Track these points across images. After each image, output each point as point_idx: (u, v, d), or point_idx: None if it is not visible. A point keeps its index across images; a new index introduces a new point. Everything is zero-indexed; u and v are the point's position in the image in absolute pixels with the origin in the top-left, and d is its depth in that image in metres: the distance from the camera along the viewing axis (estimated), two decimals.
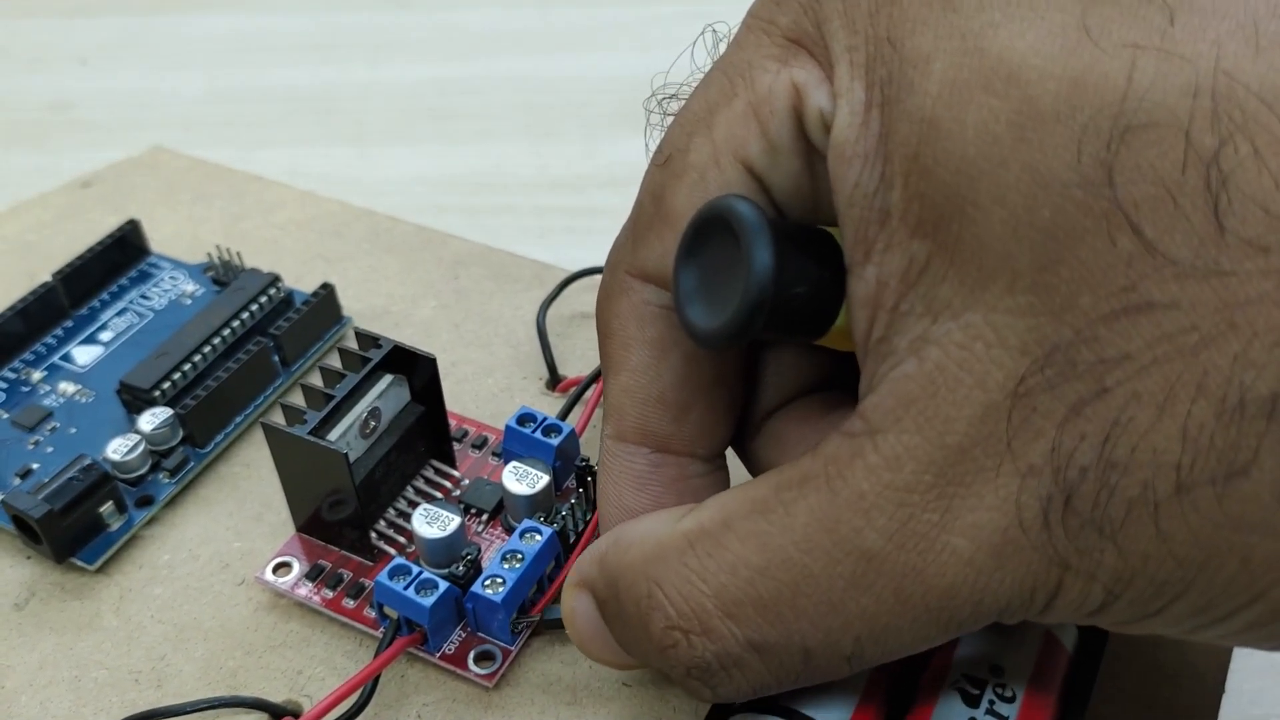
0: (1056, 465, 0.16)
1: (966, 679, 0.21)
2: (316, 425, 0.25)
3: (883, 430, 0.17)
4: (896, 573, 0.17)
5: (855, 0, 0.18)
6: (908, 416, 0.17)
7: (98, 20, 0.57)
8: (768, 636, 0.19)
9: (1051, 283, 0.16)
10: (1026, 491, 0.16)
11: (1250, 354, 0.14)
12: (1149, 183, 0.15)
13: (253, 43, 0.55)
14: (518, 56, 0.53)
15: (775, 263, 0.18)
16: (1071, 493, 0.16)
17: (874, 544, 0.17)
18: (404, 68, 0.52)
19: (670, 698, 0.24)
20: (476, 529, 0.27)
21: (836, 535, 0.18)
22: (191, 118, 0.49)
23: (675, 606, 0.19)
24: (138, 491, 0.28)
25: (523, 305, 0.33)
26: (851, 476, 0.17)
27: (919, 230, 0.17)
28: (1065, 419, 0.16)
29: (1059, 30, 0.16)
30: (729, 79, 0.20)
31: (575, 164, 0.46)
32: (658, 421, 0.22)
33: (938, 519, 0.17)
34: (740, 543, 0.19)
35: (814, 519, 0.18)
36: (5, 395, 0.31)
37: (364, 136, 0.48)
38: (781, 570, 0.18)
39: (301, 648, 0.25)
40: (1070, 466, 0.16)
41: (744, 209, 0.18)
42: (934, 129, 0.16)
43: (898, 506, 0.17)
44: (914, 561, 0.17)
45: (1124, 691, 0.23)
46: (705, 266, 0.19)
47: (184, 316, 0.32)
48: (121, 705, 0.24)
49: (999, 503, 0.16)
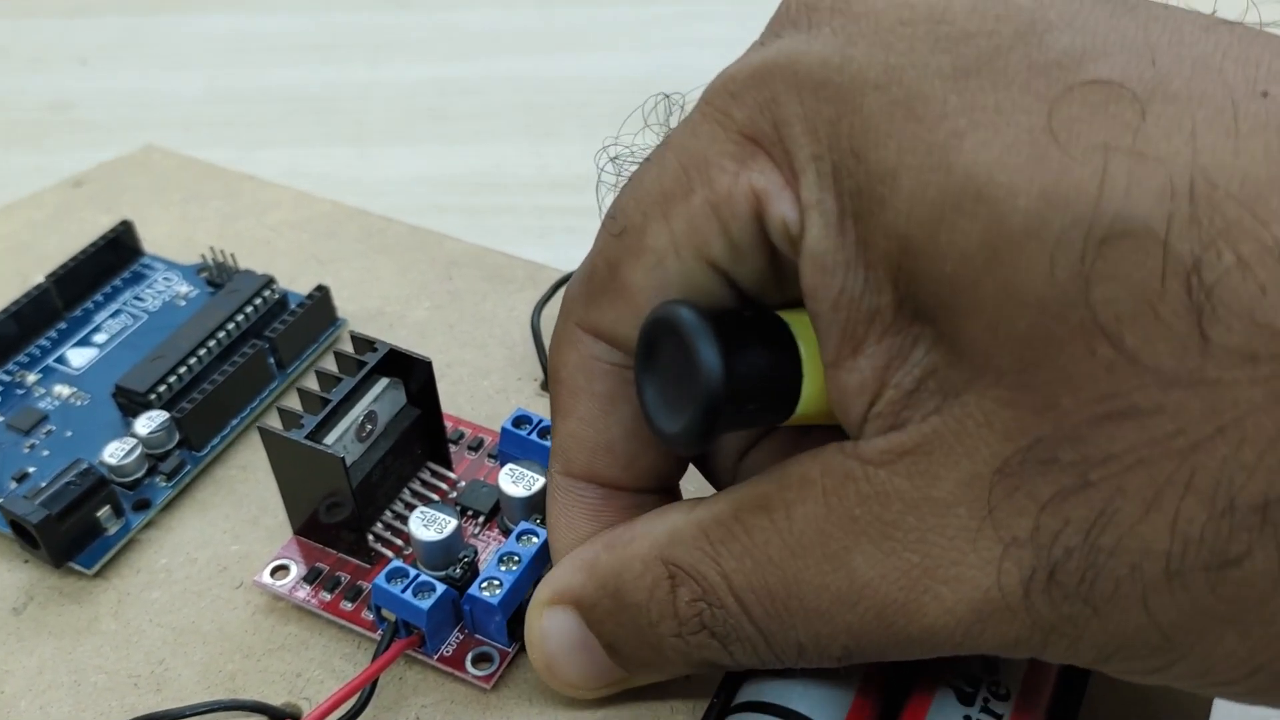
0: (1040, 543, 0.16)
1: (961, 677, 0.22)
2: (313, 429, 0.25)
3: (876, 465, 0.18)
4: (880, 601, 0.18)
5: (816, 107, 0.18)
6: (900, 463, 0.17)
7: (98, 20, 0.57)
8: (768, 625, 0.19)
9: (1032, 383, 0.16)
10: (1009, 559, 0.16)
11: (1241, 458, 0.14)
12: (1127, 294, 0.15)
13: (253, 43, 0.55)
14: (518, 56, 0.53)
15: (723, 362, 0.18)
16: (1055, 568, 0.16)
17: (860, 568, 0.18)
18: (404, 68, 0.52)
19: (669, 699, 0.24)
20: (473, 531, 0.27)
21: (828, 550, 0.18)
22: (191, 118, 0.49)
23: (699, 581, 0.20)
24: (135, 495, 0.28)
25: (517, 306, 0.33)
26: (845, 499, 0.18)
27: (919, 318, 0.17)
28: (1049, 503, 0.16)
29: (1025, 137, 0.15)
30: (684, 170, 0.19)
31: (575, 164, 0.46)
32: (606, 468, 0.22)
33: (919, 561, 0.17)
34: (748, 535, 0.19)
35: (810, 527, 0.18)
36: (0, 398, 0.31)
37: (364, 136, 0.48)
38: (780, 569, 0.19)
39: (300, 650, 0.25)
40: (1055, 545, 0.16)
41: (685, 315, 0.19)
42: (909, 245, 0.16)
43: (884, 539, 0.17)
44: (897, 595, 0.18)
45: (1117, 690, 0.23)
46: (663, 372, 0.20)
47: (178, 318, 0.32)
48: (121, 709, 0.24)
49: (980, 564, 0.17)
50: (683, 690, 0.24)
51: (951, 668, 0.22)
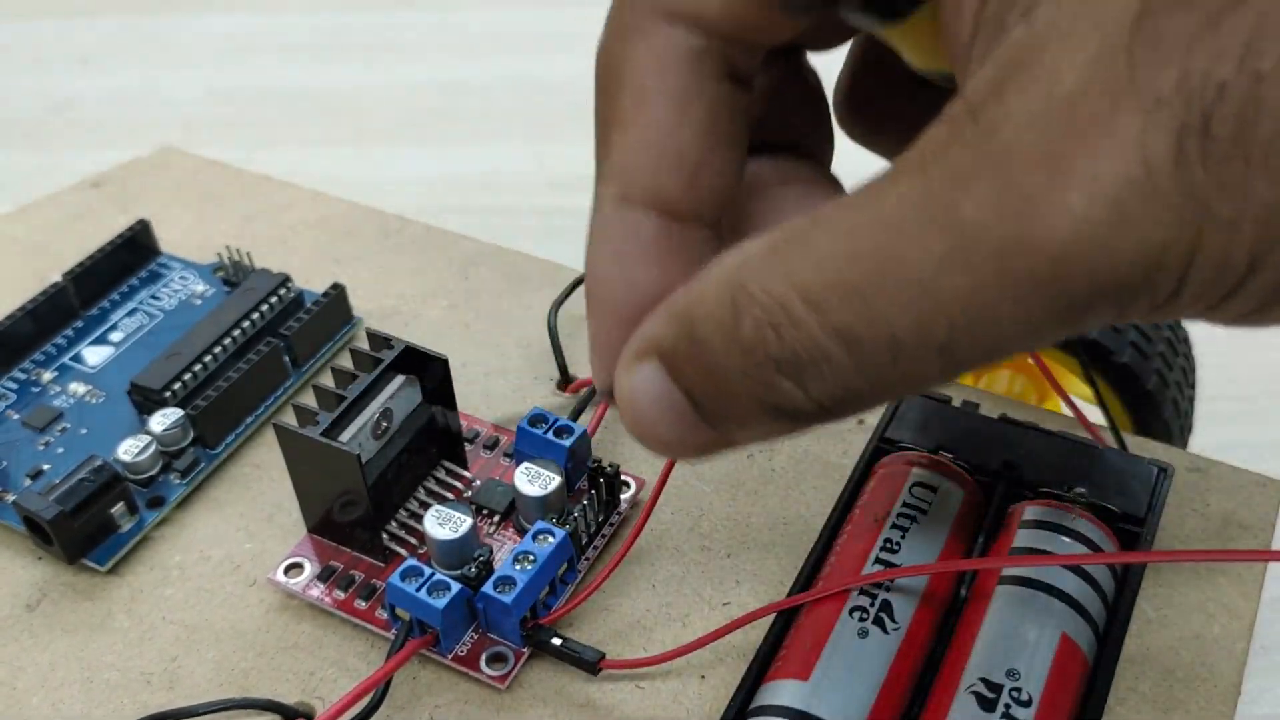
0: (1189, 89, 0.14)
1: (983, 682, 0.21)
2: (329, 426, 0.25)
3: (983, 104, 0.15)
4: (997, 244, 0.15)
5: None
6: (1012, 81, 0.15)
7: (98, 20, 0.57)
8: (853, 324, 0.17)
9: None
10: (1153, 127, 0.14)
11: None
12: None
13: (253, 43, 0.55)
14: (518, 56, 0.53)
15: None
16: (1209, 116, 0.14)
17: (971, 215, 0.15)
18: (404, 68, 0.52)
19: (683, 699, 0.24)
20: (488, 530, 0.27)
21: (929, 213, 0.16)
22: (192, 118, 0.49)
23: (762, 301, 0.17)
24: (149, 492, 0.28)
25: (533, 305, 0.33)
26: (948, 155, 0.16)
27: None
28: (1197, 36, 0.14)
29: None
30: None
31: (575, 164, 0.46)
32: (672, 181, 0.20)
33: (1045, 179, 0.15)
34: (827, 236, 0.17)
35: (905, 202, 0.16)
36: (16, 396, 0.31)
37: (364, 136, 0.48)
38: (868, 255, 0.16)
39: (314, 649, 0.25)
40: (1206, 86, 0.14)
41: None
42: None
43: (998, 171, 0.15)
44: (1017, 230, 0.15)
45: (1140, 694, 0.23)
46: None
47: (194, 317, 0.32)
48: (134, 706, 0.24)
49: (1119, 148, 0.14)
50: (698, 695, 0.24)
51: (972, 671, 0.22)
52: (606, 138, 0.20)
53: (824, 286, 0.17)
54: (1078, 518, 0.24)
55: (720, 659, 0.24)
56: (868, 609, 0.22)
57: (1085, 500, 0.25)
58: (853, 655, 0.22)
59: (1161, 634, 0.24)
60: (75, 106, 0.51)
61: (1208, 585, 0.25)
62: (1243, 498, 0.27)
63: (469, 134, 0.48)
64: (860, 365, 0.17)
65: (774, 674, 0.22)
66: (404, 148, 0.47)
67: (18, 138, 0.49)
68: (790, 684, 0.22)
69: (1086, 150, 0.14)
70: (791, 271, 0.17)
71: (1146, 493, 0.25)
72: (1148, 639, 0.24)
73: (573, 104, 0.49)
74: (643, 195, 0.20)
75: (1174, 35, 0.14)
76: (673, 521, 0.27)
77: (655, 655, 0.24)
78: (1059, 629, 0.22)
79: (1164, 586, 0.25)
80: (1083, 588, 0.23)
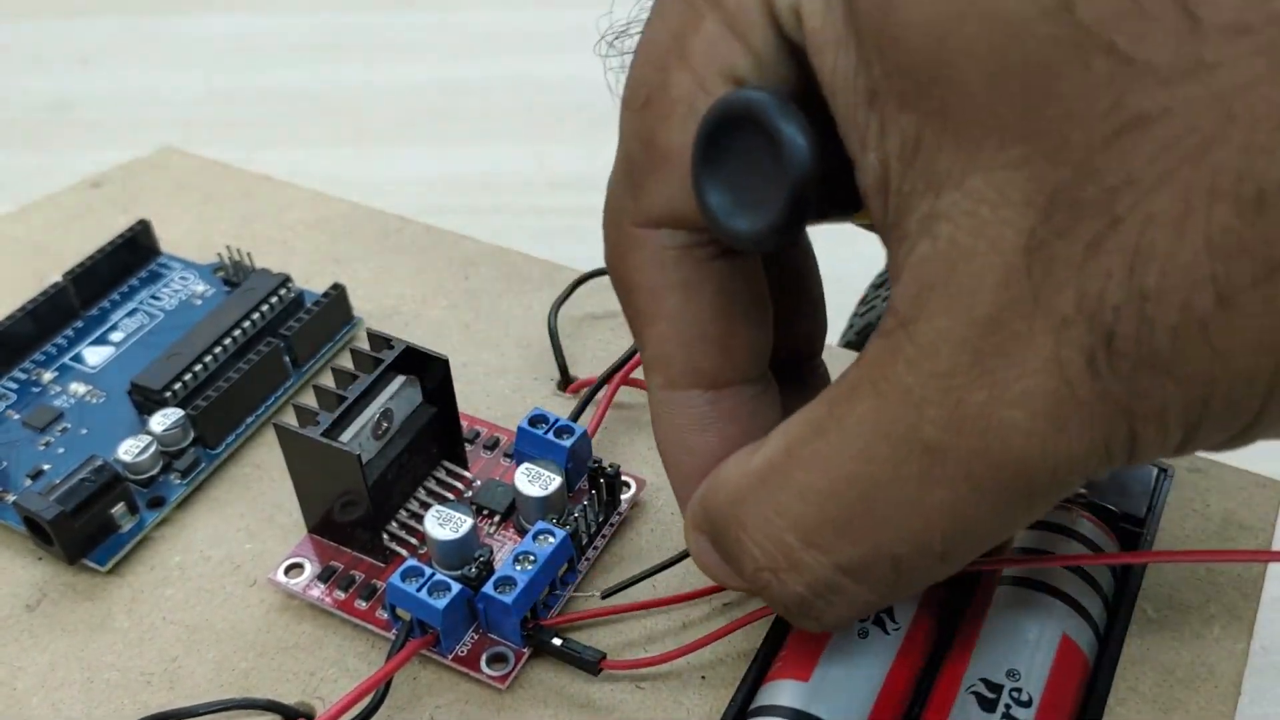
0: (1088, 311, 0.15)
1: (983, 682, 0.21)
2: (329, 426, 0.25)
3: (913, 320, 0.17)
4: (962, 460, 0.17)
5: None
6: (933, 300, 0.16)
7: (98, 20, 0.57)
8: (853, 556, 0.18)
9: (1039, 126, 0.15)
10: (1065, 346, 0.15)
11: (1257, 141, 0.14)
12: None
13: (253, 43, 0.55)
14: (518, 56, 0.53)
15: (808, 136, 0.17)
16: (1111, 335, 0.15)
17: (932, 436, 0.17)
18: (404, 68, 0.52)
19: (685, 700, 0.24)
20: (489, 531, 0.27)
21: (894, 437, 0.17)
22: (192, 118, 0.49)
23: (760, 547, 0.19)
24: (149, 493, 0.28)
25: (533, 305, 0.33)
26: (895, 374, 0.17)
27: (905, 104, 0.16)
28: (1084, 260, 0.15)
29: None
30: (687, 2, 0.19)
31: (575, 164, 0.46)
32: (705, 358, 0.21)
33: (986, 396, 0.16)
34: (805, 470, 0.18)
35: (868, 427, 0.17)
36: (16, 396, 0.31)
37: (364, 136, 0.48)
38: (849, 487, 0.18)
39: (314, 649, 0.25)
40: (1102, 308, 0.15)
41: (758, 95, 0.18)
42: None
43: (945, 393, 0.16)
44: (975, 444, 0.16)
45: (1140, 694, 0.23)
46: (729, 174, 0.18)
47: (195, 317, 0.32)
48: (134, 707, 0.24)
49: (1041, 364, 0.16)
50: (698, 695, 0.24)
51: (973, 672, 0.22)
52: (639, 334, 0.22)
53: (817, 525, 0.18)
54: (1078, 518, 0.24)
55: (721, 659, 0.24)
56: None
57: (1085, 500, 0.25)
58: (853, 655, 0.22)
59: (1161, 634, 0.24)
60: (75, 106, 0.51)
61: (1208, 585, 0.25)
62: (1243, 498, 0.27)
63: (469, 134, 0.48)
64: (867, 587, 0.19)
65: (774, 674, 0.22)
66: (404, 148, 0.47)
67: (18, 138, 0.49)
68: (790, 684, 0.22)
69: (1014, 370, 0.16)
70: (782, 510, 0.19)
71: (1146, 493, 0.25)
72: (1148, 639, 0.24)
73: (573, 104, 0.49)
74: (683, 378, 0.22)
75: (1063, 260, 0.15)
76: (673, 522, 0.27)
77: (656, 655, 0.24)
78: (1059, 629, 0.22)
79: (1164, 586, 0.25)
80: (1083, 588, 0.23)
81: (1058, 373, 0.15)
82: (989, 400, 0.16)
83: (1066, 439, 0.16)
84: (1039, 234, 0.15)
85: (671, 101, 0.19)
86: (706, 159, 0.19)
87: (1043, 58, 0.15)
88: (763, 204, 0.18)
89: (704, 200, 0.19)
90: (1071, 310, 0.15)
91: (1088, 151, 0.15)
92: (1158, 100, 0.14)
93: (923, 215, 0.16)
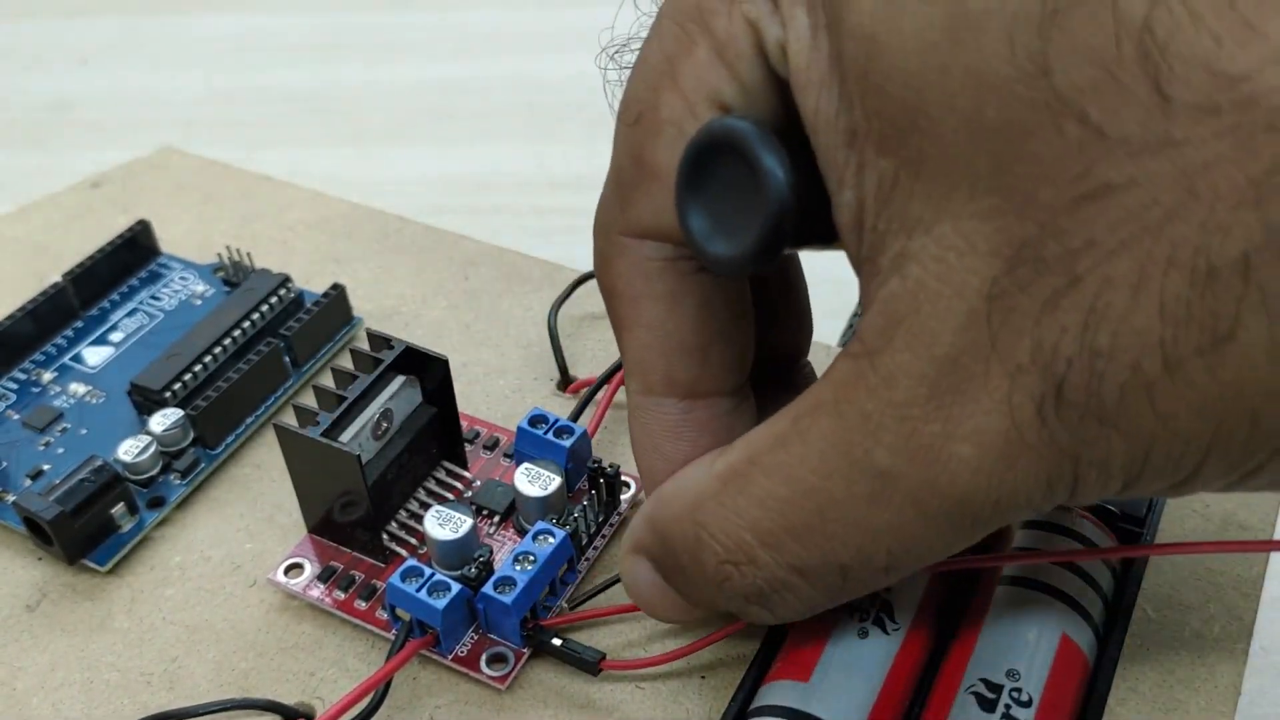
0: (1042, 361, 0.16)
1: (983, 683, 0.21)
2: (329, 427, 0.25)
3: (878, 350, 0.17)
4: (911, 487, 0.18)
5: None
6: (898, 335, 0.17)
7: (98, 20, 0.57)
8: (806, 560, 0.19)
9: (1009, 182, 0.15)
10: (1018, 391, 0.16)
11: (1215, 218, 0.14)
12: (1086, 64, 0.15)
13: (253, 43, 0.55)
14: (518, 56, 0.53)
15: (787, 168, 0.18)
16: (1061, 385, 0.16)
17: (885, 462, 0.18)
18: (404, 68, 0.52)
19: (684, 700, 0.24)
20: (488, 531, 0.27)
21: (850, 458, 0.18)
22: (192, 118, 0.49)
23: (721, 543, 0.20)
24: (149, 493, 0.28)
25: (533, 306, 0.33)
26: (856, 399, 0.18)
27: (884, 148, 0.17)
28: (1042, 313, 0.16)
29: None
30: (681, 27, 0.20)
31: (575, 164, 0.46)
32: (682, 369, 0.22)
33: (939, 429, 0.17)
34: (766, 477, 0.19)
35: (828, 444, 0.18)
36: (16, 396, 0.31)
37: (364, 136, 0.48)
38: (806, 498, 0.19)
39: (314, 650, 0.25)
40: (1056, 360, 0.16)
41: (741, 125, 0.18)
42: (875, 45, 0.16)
43: (900, 422, 0.17)
44: (925, 474, 0.17)
45: (1140, 694, 0.23)
46: (710, 198, 0.19)
47: (194, 317, 0.32)
48: (133, 707, 0.24)
49: (994, 406, 0.16)
50: (698, 695, 0.24)
51: (972, 672, 0.22)
52: (620, 339, 0.23)
53: (775, 529, 0.19)
54: (1078, 518, 0.24)
55: (720, 659, 0.24)
56: (868, 609, 0.22)
57: None
58: (853, 656, 0.22)
59: (1161, 634, 0.24)
60: (75, 106, 0.51)
61: (1208, 586, 0.25)
62: (1243, 498, 0.27)
63: (469, 134, 0.48)
64: (817, 588, 0.20)
65: (774, 674, 0.22)
66: (404, 148, 0.47)
67: (18, 138, 0.49)
68: (790, 684, 0.22)
69: (968, 408, 0.17)
70: (741, 511, 0.20)
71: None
72: (1148, 639, 0.24)
73: (573, 104, 0.49)
74: (660, 386, 0.22)
75: (1022, 310, 0.16)
76: None
77: (656, 656, 0.24)
78: (1059, 629, 0.22)
79: (1164, 587, 0.25)
80: (1082, 588, 0.23)
81: (1008, 414, 0.16)
82: (941, 433, 0.17)
83: (1011, 476, 0.17)
84: (1001, 284, 0.16)
85: (661, 121, 0.20)
86: (690, 182, 0.19)
87: (1018, 118, 0.15)
88: (741, 230, 0.18)
89: (685, 221, 0.19)
90: (1026, 359, 0.16)
91: (1054, 212, 0.15)
92: (1125, 171, 0.15)
93: (895, 254, 0.17)
